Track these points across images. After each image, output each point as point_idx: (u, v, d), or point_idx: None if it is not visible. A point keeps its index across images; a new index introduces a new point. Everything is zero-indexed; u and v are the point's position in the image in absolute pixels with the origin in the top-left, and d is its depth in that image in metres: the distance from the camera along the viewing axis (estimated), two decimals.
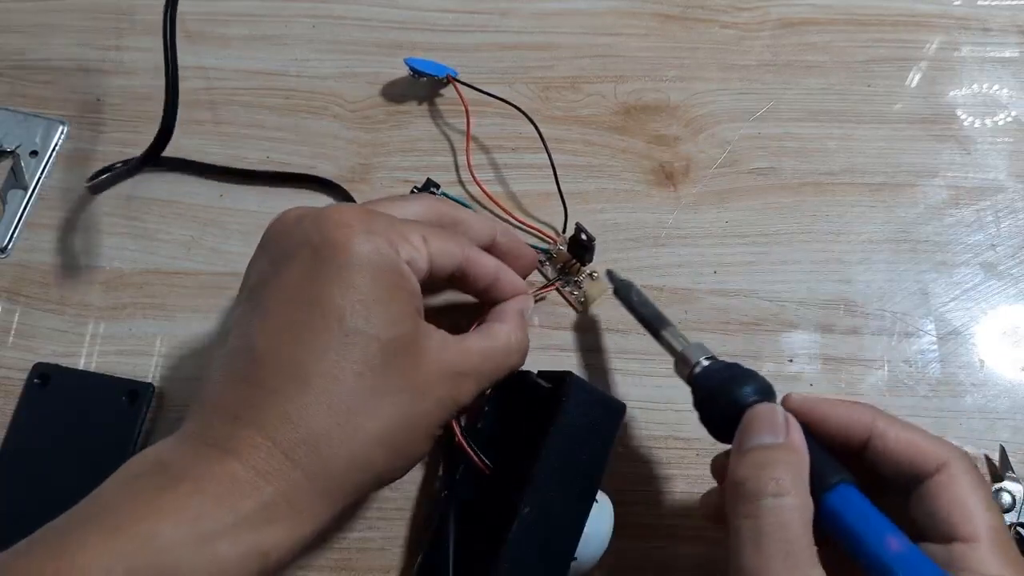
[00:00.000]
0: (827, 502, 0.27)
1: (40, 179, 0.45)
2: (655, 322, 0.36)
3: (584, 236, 0.40)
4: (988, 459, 0.39)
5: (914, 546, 0.26)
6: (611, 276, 0.40)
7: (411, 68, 0.46)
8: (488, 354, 0.33)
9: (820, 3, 0.50)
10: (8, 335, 0.42)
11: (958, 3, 0.50)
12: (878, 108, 0.47)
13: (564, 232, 0.43)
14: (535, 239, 0.43)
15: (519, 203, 0.44)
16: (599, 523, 0.34)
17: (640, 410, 0.40)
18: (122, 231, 0.44)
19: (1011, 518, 0.37)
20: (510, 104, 0.45)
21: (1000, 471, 0.38)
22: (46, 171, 0.45)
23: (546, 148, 0.43)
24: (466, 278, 0.35)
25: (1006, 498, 0.37)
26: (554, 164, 0.43)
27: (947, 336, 0.42)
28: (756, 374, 0.31)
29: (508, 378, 0.35)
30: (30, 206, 0.45)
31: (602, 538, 0.34)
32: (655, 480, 0.39)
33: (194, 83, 0.47)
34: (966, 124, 0.47)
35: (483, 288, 0.35)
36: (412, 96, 0.47)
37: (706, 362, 0.33)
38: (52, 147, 0.46)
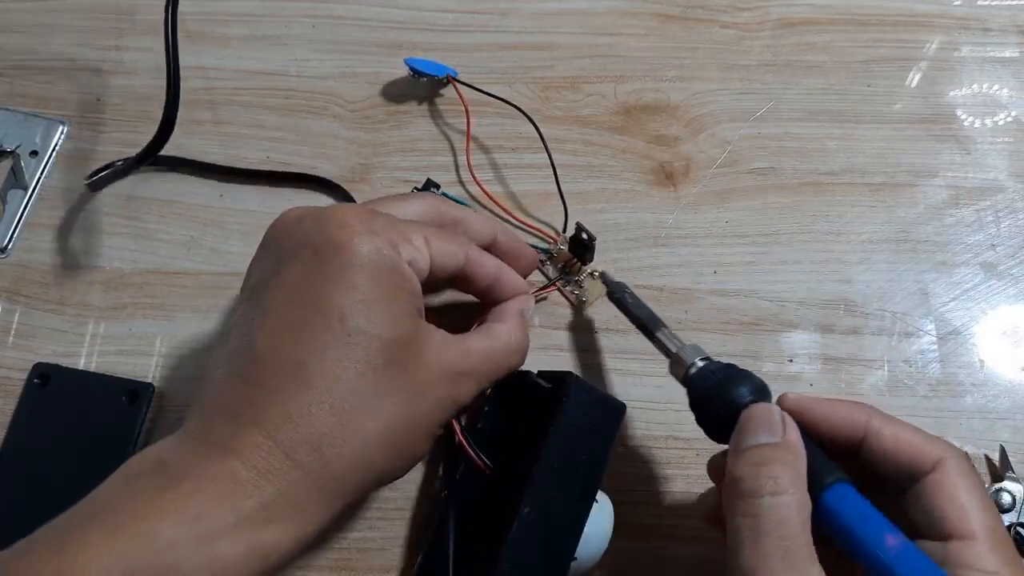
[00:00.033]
0: (824, 501, 0.27)
1: (40, 179, 0.45)
2: (649, 323, 0.36)
3: (585, 235, 0.40)
4: (988, 459, 0.39)
5: (911, 544, 0.26)
6: (604, 278, 0.40)
7: (411, 68, 0.46)
8: (488, 354, 0.33)
9: (820, 3, 0.50)
10: (8, 335, 0.42)
11: (958, 3, 0.50)
12: (878, 108, 0.47)
13: (564, 232, 0.43)
14: (535, 239, 0.43)
15: (519, 203, 0.44)
16: (599, 523, 0.34)
17: (640, 410, 0.40)
18: (122, 231, 0.44)
19: (1011, 518, 0.37)
20: (510, 104, 0.45)
21: (1000, 471, 0.38)
22: (46, 171, 0.45)
23: (546, 148, 0.43)
24: (467, 278, 0.35)
25: (1006, 498, 0.37)
26: (554, 164, 0.43)
27: (947, 336, 0.42)
28: (751, 374, 0.31)
29: (508, 378, 0.35)
30: (30, 206, 0.44)
31: (602, 538, 0.34)
32: (655, 480, 0.39)
33: (194, 83, 0.47)
34: (966, 124, 0.47)
35: (484, 288, 0.35)
36: (412, 96, 0.47)
37: (701, 363, 0.33)
38: (52, 147, 0.46)
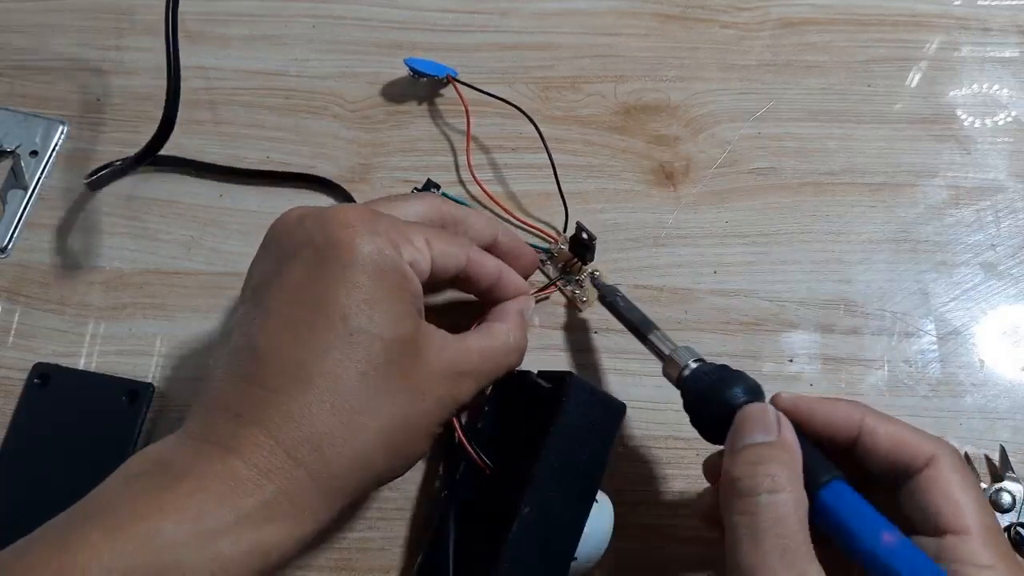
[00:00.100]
0: (820, 499, 0.28)
1: (40, 179, 0.45)
2: (642, 326, 0.36)
3: (585, 235, 0.40)
4: (988, 459, 0.39)
5: (907, 539, 0.26)
6: (595, 281, 0.40)
7: (411, 68, 0.46)
8: (487, 353, 0.33)
9: (820, 3, 0.50)
10: (8, 335, 0.42)
11: (958, 3, 0.50)
12: (878, 108, 0.47)
13: (565, 231, 0.43)
14: (536, 239, 0.43)
15: (519, 203, 0.44)
16: (599, 523, 0.34)
17: (640, 410, 0.40)
18: (122, 231, 0.44)
19: (1011, 518, 0.37)
20: (510, 104, 0.45)
21: (1000, 471, 0.38)
22: (46, 171, 0.45)
23: (546, 148, 0.43)
24: (468, 279, 0.35)
25: (1006, 498, 0.37)
26: (554, 164, 0.43)
27: (947, 336, 0.42)
28: (745, 375, 0.31)
29: (508, 377, 0.35)
30: (30, 206, 0.44)
31: (602, 538, 0.34)
32: (655, 480, 0.39)
33: (194, 83, 0.47)
34: (966, 124, 0.47)
35: (485, 288, 0.35)
36: (412, 96, 0.47)
37: (694, 364, 0.33)
38: (52, 147, 0.46)
